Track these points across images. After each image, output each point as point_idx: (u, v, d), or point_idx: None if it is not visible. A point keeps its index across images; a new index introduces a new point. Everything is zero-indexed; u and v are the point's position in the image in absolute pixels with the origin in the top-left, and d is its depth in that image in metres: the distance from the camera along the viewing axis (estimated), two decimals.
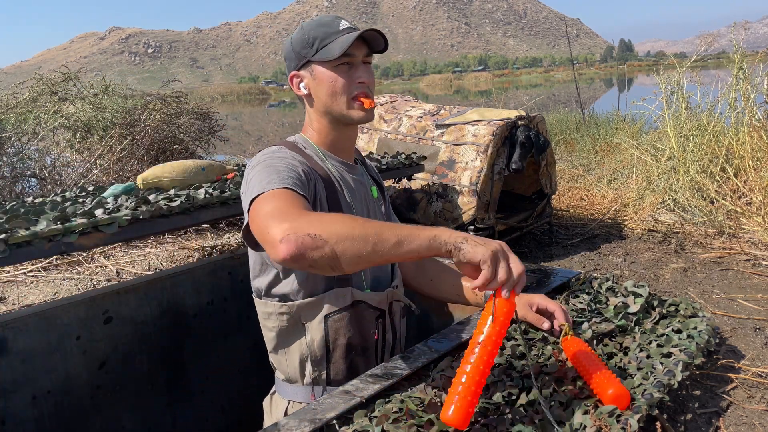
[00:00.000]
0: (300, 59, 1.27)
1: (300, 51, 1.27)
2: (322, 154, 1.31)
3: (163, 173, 1.96)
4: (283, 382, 1.34)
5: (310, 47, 1.25)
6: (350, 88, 1.25)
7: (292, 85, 1.32)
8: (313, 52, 1.25)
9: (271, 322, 1.30)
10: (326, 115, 1.30)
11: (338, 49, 1.21)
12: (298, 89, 1.31)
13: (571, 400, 0.99)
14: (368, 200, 1.37)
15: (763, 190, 3.70)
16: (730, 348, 1.50)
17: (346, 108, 1.26)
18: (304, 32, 1.27)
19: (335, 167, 1.31)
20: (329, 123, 1.31)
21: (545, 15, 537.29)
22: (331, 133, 1.32)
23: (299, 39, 1.27)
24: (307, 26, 1.27)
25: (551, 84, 52.34)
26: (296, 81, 1.30)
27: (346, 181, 1.31)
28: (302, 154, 1.27)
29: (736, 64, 4.47)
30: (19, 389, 1.49)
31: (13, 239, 1.39)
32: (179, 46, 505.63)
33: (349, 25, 1.26)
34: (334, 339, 1.26)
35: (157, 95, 6.90)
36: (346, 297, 1.25)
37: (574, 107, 9.93)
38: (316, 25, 1.26)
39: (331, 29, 1.24)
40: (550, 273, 1.62)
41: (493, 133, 3.19)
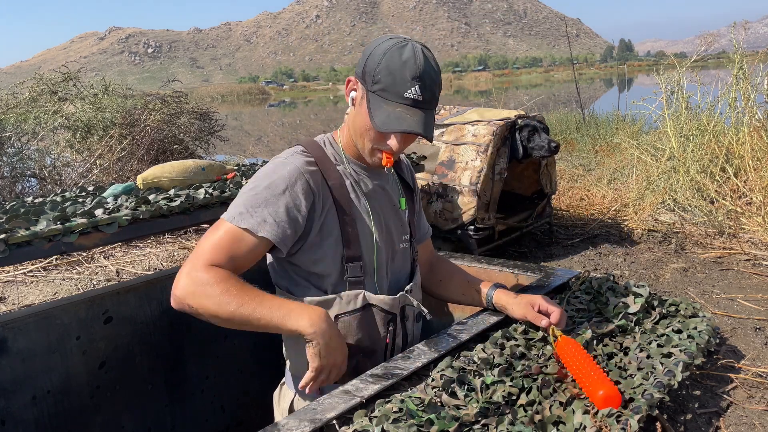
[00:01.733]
0: (362, 76, 1.21)
1: (366, 73, 1.20)
2: (345, 157, 1.32)
3: (163, 173, 1.96)
4: (291, 375, 1.36)
5: (372, 82, 1.18)
6: (378, 142, 1.23)
7: (346, 86, 1.28)
8: (371, 89, 1.18)
9: None
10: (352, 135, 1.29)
11: (380, 122, 1.16)
12: (347, 93, 1.27)
13: (571, 400, 0.99)
14: (389, 207, 1.36)
15: (763, 190, 3.70)
16: (730, 348, 1.50)
17: (368, 153, 1.26)
18: (380, 63, 1.17)
19: (355, 171, 1.31)
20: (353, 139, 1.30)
21: (545, 15, 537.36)
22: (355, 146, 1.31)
23: (373, 64, 1.18)
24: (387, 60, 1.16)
25: (551, 84, 52.33)
26: (351, 86, 1.27)
27: (365, 184, 1.31)
28: (320, 155, 1.28)
29: (736, 64, 4.47)
30: (19, 389, 1.49)
31: (13, 239, 1.39)
32: (179, 46, 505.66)
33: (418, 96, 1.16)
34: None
35: (157, 95, 6.91)
36: (357, 300, 1.26)
37: (574, 107, 9.93)
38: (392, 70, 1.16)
39: (397, 89, 1.15)
40: (550, 273, 1.62)
41: (493, 133, 3.19)
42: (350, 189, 1.29)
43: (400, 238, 1.38)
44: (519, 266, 1.73)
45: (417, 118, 1.16)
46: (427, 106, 1.18)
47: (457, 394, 1.00)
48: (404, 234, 1.39)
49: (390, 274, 1.35)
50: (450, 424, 0.90)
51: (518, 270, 1.71)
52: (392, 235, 1.35)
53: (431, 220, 3.30)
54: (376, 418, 0.91)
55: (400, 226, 1.38)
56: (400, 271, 1.38)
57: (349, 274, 1.26)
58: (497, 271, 1.76)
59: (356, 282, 1.27)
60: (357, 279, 1.27)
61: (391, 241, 1.35)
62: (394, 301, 1.30)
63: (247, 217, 1.17)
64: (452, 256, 1.93)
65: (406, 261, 1.40)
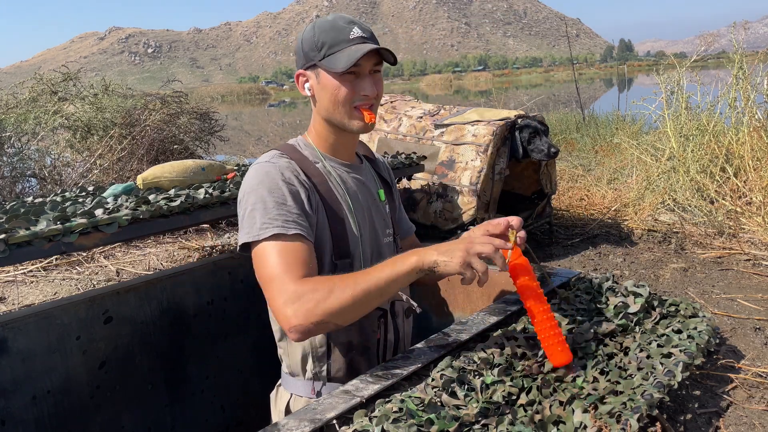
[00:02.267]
0: (307, 60, 1.26)
1: (308, 52, 1.25)
2: (321, 155, 1.32)
3: (163, 173, 1.96)
4: (287, 375, 1.36)
5: (318, 51, 1.23)
6: (352, 98, 1.24)
7: (297, 84, 1.31)
8: (320, 57, 1.23)
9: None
10: (326, 118, 1.30)
11: (344, 62, 1.19)
12: (302, 89, 1.30)
13: (572, 399, 0.99)
14: (370, 201, 1.37)
15: (763, 190, 3.70)
16: (730, 348, 1.50)
17: (347, 118, 1.26)
18: (315, 33, 1.24)
19: (334, 168, 1.32)
20: (329, 127, 1.31)
21: (545, 15, 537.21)
22: (330, 136, 1.32)
23: (309, 39, 1.25)
24: (319, 27, 1.25)
25: (551, 84, 52.31)
26: (302, 80, 1.30)
27: (346, 181, 1.32)
28: (298, 157, 1.28)
29: (736, 64, 4.47)
30: (19, 389, 1.49)
31: (13, 239, 1.39)
32: (179, 46, 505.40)
33: (361, 33, 1.23)
34: (334, 337, 1.28)
35: (157, 95, 6.90)
36: None
37: (574, 107, 9.93)
38: (328, 28, 1.23)
39: (342, 36, 1.22)
40: (550, 273, 1.62)
41: (493, 133, 3.19)
42: (333, 186, 1.29)
43: (384, 232, 1.39)
44: None
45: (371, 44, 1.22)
46: (372, 41, 1.24)
47: (457, 394, 1.00)
48: (387, 228, 1.40)
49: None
50: (450, 424, 0.90)
51: None
52: (376, 230, 1.36)
53: (431, 220, 3.30)
54: (376, 418, 0.91)
55: (383, 220, 1.39)
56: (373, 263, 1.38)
57: (338, 270, 1.26)
58: (497, 271, 1.76)
59: None
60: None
61: (375, 236, 1.36)
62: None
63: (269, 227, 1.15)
64: None
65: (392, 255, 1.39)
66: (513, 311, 1.36)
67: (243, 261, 2.02)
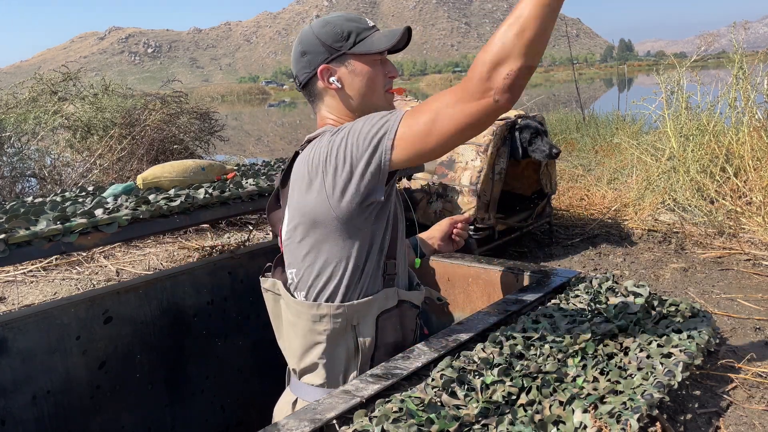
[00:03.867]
0: (332, 52, 1.26)
1: (333, 44, 1.25)
2: None
3: (163, 173, 1.96)
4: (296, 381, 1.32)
5: (345, 40, 1.25)
6: (384, 81, 1.29)
7: (321, 79, 1.27)
8: (350, 45, 1.25)
9: (323, 325, 1.25)
10: (358, 108, 1.28)
11: (385, 42, 1.24)
12: (327, 83, 1.27)
13: (572, 399, 0.99)
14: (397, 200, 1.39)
15: (763, 190, 3.70)
16: (730, 348, 1.50)
17: (383, 100, 1.29)
18: (334, 26, 1.26)
19: None
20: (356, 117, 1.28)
21: None
22: None
23: (330, 32, 1.25)
24: (336, 20, 1.27)
25: (551, 84, 52.29)
26: (326, 74, 1.27)
27: None
28: None
29: (736, 64, 4.46)
30: (19, 389, 1.49)
31: (13, 239, 1.39)
32: (179, 46, 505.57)
33: (373, 23, 1.29)
34: (382, 338, 1.27)
35: (157, 95, 6.90)
36: (394, 297, 1.27)
37: (574, 107, 9.92)
38: (345, 20, 1.27)
39: (362, 25, 1.27)
40: (550, 273, 1.62)
41: (493, 133, 3.19)
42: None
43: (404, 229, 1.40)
44: (519, 266, 1.73)
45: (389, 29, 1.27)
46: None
47: (457, 394, 1.00)
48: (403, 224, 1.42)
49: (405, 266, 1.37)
50: (450, 424, 0.90)
51: (518, 270, 1.71)
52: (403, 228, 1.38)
53: (431, 220, 3.30)
54: (376, 418, 0.91)
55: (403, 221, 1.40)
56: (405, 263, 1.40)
57: (388, 271, 1.27)
58: (497, 271, 1.76)
59: (391, 278, 1.28)
60: (392, 276, 1.28)
61: (403, 235, 1.37)
62: (420, 296, 1.33)
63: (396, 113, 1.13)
64: (452, 256, 1.93)
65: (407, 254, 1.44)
66: (513, 311, 1.36)
67: (243, 261, 2.02)
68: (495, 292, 1.77)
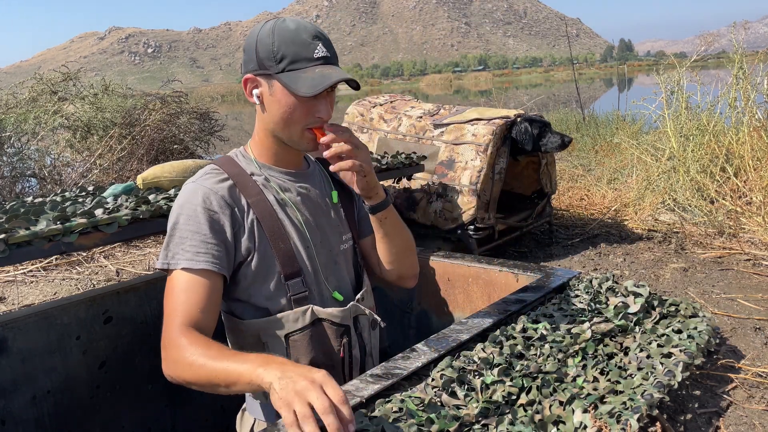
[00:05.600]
0: (261, 67, 1.15)
1: (264, 60, 1.15)
2: (260, 166, 1.26)
3: (163, 173, 1.96)
4: (251, 399, 1.30)
5: (275, 62, 1.13)
6: (306, 120, 1.17)
7: (245, 88, 1.20)
8: (278, 70, 1.13)
9: (233, 337, 1.26)
10: (271, 132, 1.22)
11: (307, 87, 1.11)
12: (249, 94, 1.19)
13: (572, 399, 0.99)
14: (319, 210, 1.29)
15: (763, 189, 3.70)
16: (730, 348, 1.50)
17: (297, 137, 1.19)
18: (274, 41, 1.14)
19: (275, 178, 1.26)
20: (274, 139, 1.24)
21: (545, 15, 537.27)
22: (274, 146, 1.25)
23: (266, 46, 1.14)
24: (280, 35, 1.14)
25: (551, 84, 52.31)
26: (250, 86, 1.19)
27: (288, 190, 1.26)
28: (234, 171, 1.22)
29: (736, 63, 4.47)
30: (19, 389, 1.49)
31: (13, 239, 1.39)
32: (179, 46, 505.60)
33: (325, 52, 1.15)
34: (296, 359, 1.20)
35: (157, 95, 6.90)
36: (306, 316, 1.20)
37: (574, 107, 9.93)
38: (290, 40, 1.13)
39: (305, 53, 1.13)
40: (550, 273, 1.62)
41: (493, 133, 3.19)
42: (273, 201, 1.23)
43: (339, 239, 1.32)
44: (519, 266, 1.73)
45: (337, 70, 1.14)
46: (335, 62, 1.18)
47: (457, 394, 1.00)
48: (344, 234, 1.33)
49: (334, 280, 1.29)
50: (450, 424, 0.90)
51: (518, 270, 1.71)
52: (329, 239, 1.29)
53: (431, 220, 3.30)
54: (376, 418, 0.91)
55: (337, 225, 1.32)
56: (344, 275, 1.31)
57: (291, 291, 1.20)
58: (497, 271, 1.76)
59: (300, 298, 1.21)
60: (301, 295, 1.21)
61: (328, 245, 1.29)
62: (345, 313, 1.23)
63: (180, 258, 1.13)
64: (452, 256, 1.93)
65: (349, 263, 1.34)
66: (513, 311, 1.36)
67: None
68: (495, 292, 1.77)
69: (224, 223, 1.16)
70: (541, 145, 3.32)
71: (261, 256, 1.19)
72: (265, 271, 1.20)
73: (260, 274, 1.20)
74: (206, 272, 1.13)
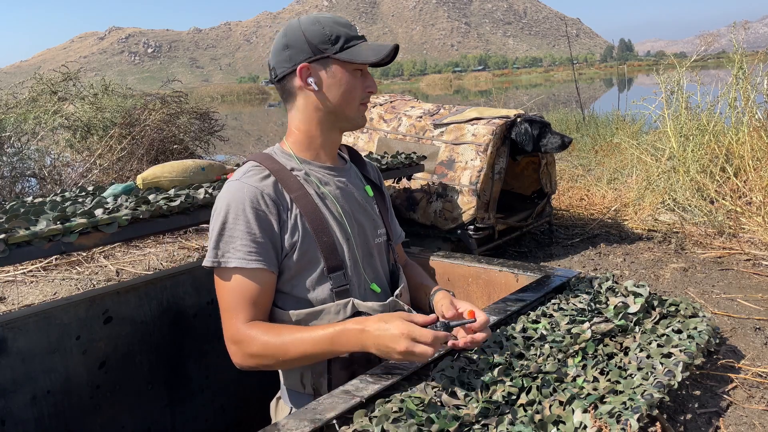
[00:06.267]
0: (316, 53, 1.22)
1: (318, 44, 1.22)
2: (301, 161, 1.29)
3: (163, 173, 1.96)
4: (287, 389, 1.32)
5: (331, 44, 1.22)
6: (362, 94, 1.27)
7: (300, 77, 1.24)
8: (335, 50, 1.22)
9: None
10: (329, 114, 1.27)
11: (371, 56, 1.21)
12: (305, 83, 1.24)
13: (572, 399, 0.99)
14: (357, 203, 1.33)
15: (763, 189, 3.70)
16: (730, 348, 1.50)
17: (355, 113, 1.27)
18: (323, 26, 1.23)
19: (315, 174, 1.29)
20: (324, 125, 1.28)
21: (545, 15, 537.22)
22: (320, 137, 1.29)
23: (317, 32, 1.22)
24: (326, 21, 1.24)
25: (551, 84, 52.29)
26: (305, 73, 1.23)
27: (328, 184, 1.29)
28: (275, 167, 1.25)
29: (736, 63, 4.47)
30: (19, 389, 1.49)
31: (13, 239, 1.39)
32: (179, 46, 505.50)
33: (362, 33, 1.28)
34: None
35: (157, 95, 6.91)
36: (347, 309, 1.23)
37: (574, 107, 9.93)
38: (334, 23, 1.24)
39: (352, 33, 1.24)
40: (550, 273, 1.62)
41: (493, 133, 3.19)
42: (315, 195, 1.25)
43: (374, 232, 1.35)
44: (519, 266, 1.73)
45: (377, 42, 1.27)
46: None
47: (457, 394, 1.00)
48: (378, 228, 1.36)
49: (371, 272, 1.32)
50: (450, 424, 0.90)
51: (518, 270, 1.71)
52: (365, 231, 1.32)
53: (431, 219, 3.30)
54: (376, 417, 0.91)
55: (372, 220, 1.35)
56: (378, 267, 1.35)
57: (333, 284, 1.23)
58: (497, 271, 1.76)
59: (342, 291, 1.24)
60: (343, 288, 1.24)
61: (365, 238, 1.32)
62: (384, 307, 1.26)
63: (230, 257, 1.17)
64: (452, 256, 1.93)
65: (383, 256, 1.37)
66: (513, 311, 1.36)
67: None
68: (495, 292, 1.77)
69: (272, 220, 1.19)
70: (541, 146, 3.31)
71: (304, 249, 1.22)
72: (308, 264, 1.23)
73: (303, 267, 1.23)
74: (259, 270, 1.18)
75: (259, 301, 1.19)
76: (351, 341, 1.10)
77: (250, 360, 1.16)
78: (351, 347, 1.11)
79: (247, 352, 1.16)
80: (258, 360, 1.16)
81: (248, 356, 1.16)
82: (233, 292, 1.17)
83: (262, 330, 1.15)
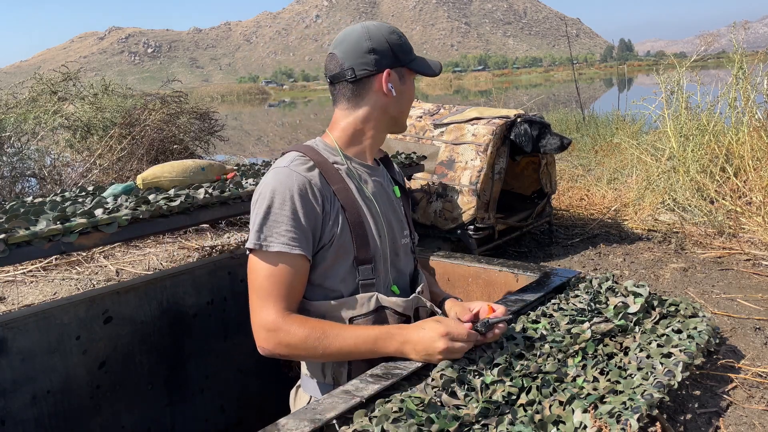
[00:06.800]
0: (397, 61, 1.31)
1: (399, 53, 1.31)
2: (344, 156, 1.33)
3: (163, 173, 1.96)
4: (307, 378, 1.35)
5: (407, 54, 1.32)
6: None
7: (384, 82, 1.30)
8: (410, 59, 1.33)
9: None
10: (389, 120, 1.35)
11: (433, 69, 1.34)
12: (386, 87, 1.30)
13: (572, 399, 0.99)
14: (388, 203, 1.37)
15: (763, 189, 3.70)
16: (730, 348, 1.50)
17: (406, 119, 1.40)
18: (400, 37, 1.32)
19: (357, 170, 1.33)
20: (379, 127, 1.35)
21: (545, 15, 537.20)
22: (372, 137, 1.36)
23: (397, 42, 1.31)
24: (400, 33, 1.34)
25: (551, 84, 52.30)
26: (389, 79, 1.31)
27: (367, 182, 1.34)
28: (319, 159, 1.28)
29: (736, 63, 4.47)
30: (19, 389, 1.49)
31: (13, 239, 1.39)
32: (179, 45, 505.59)
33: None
34: None
35: (157, 95, 6.91)
36: (371, 302, 1.26)
37: (574, 107, 9.93)
38: (405, 37, 1.34)
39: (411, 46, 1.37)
40: (550, 273, 1.62)
41: (493, 133, 3.19)
42: (354, 190, 1.29)
43: (401, 233, 1.38)
44: (519, 266, 1.73)
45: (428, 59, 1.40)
46: None
47: (457, 394, 1.00)
48: (404, 229, 1.40)
49: (395, 271, 1.35)
50: (450, 424, 0.90)
51: (518, 270, 1.71)
52: (394, 231, 1.36)
53: (431, 219, 3.30)
54: (376, 417, 0.91)
55: (399, 221, 1.39)
56: (404, 267, 1.38)
57: (360, 276, 1.26)
58: (497, 271, 1.76)
59: (368, 284, 1.27)
60: (369, 281, 1.27)
61: (393, 238, 1.35)
62: (408, 303, 1.29)
63: (273, 241, 1.18)
64: (452, 256, 1.93)
65: (408, 256, 1.41)
66: (513, 311, 1.36)
67: (243, 261, 2.02)
68: (495, 292, 1.77)
69: (317, 210, 1.22)
70: (540, 147, 3.31)
71: (341, 242, 1.25)
72: (341, 256, 1.25)
73: (337, 259, 1.25)
74: (300, 257, 1.19)
75: (294, 288, 1.20)
76: (392, 346, 1.14)
77: (283, 349, 1.17)
78: (391, 352, 1.14)
79: (284, 342, 1.16)
80: (291, 350, 1.17)
81: (283, 345, 1.16)
82: (272, 277, 1.18)
83: (300, 323, 1.17)
